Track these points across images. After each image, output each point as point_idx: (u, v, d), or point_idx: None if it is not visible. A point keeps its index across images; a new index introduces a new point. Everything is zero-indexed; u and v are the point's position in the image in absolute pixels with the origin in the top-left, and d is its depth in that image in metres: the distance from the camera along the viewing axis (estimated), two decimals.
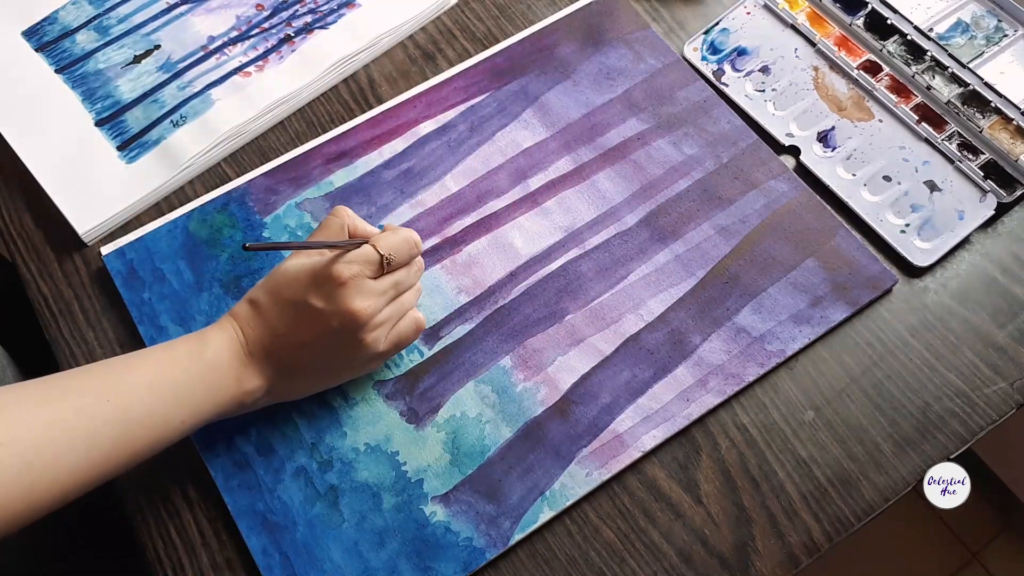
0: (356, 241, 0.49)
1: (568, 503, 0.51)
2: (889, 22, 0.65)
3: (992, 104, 0.61)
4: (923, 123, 0.61)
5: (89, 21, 0.68)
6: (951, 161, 0.60)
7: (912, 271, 0.58)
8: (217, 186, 0.62)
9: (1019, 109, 0.61)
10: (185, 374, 0.46)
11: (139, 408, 0.45)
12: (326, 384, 0.52)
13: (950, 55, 0.63)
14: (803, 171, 0.61)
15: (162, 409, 0.45)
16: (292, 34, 0.67)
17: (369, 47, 0.66)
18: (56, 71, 0.66)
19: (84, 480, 0.43)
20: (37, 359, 0.65)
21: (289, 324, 0.48)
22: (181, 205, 0.61)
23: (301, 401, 0.54)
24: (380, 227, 0.53)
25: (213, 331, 0.49)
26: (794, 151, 0.62)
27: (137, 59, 0.66)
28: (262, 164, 0.62)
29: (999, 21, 0.65)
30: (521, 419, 0.53)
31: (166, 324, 0.56)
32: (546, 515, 0.51)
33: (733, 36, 0.66)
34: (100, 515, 0.82)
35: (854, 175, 0.60)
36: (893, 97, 0.63)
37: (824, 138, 0.62)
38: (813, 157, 0.61)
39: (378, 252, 0.48)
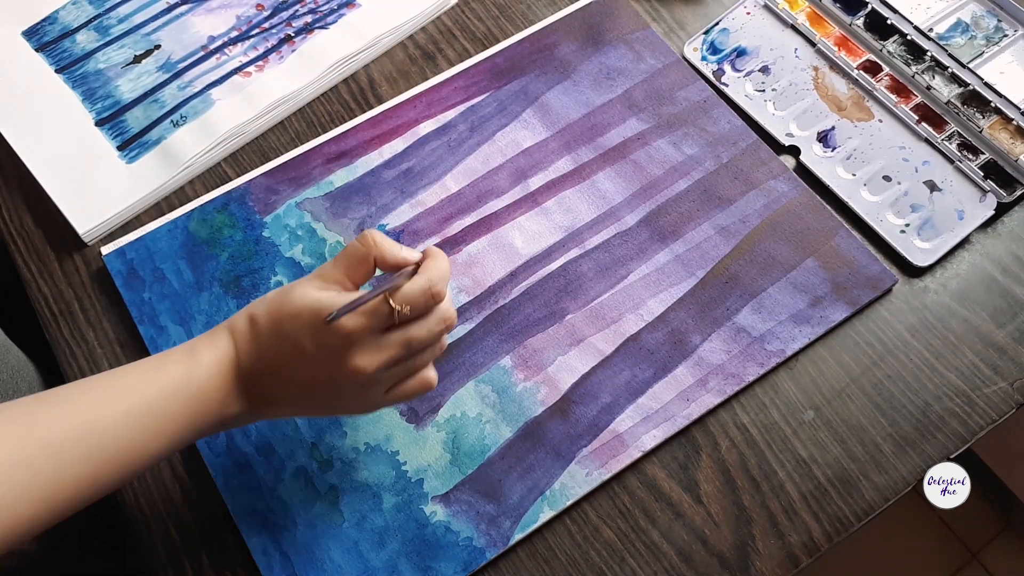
0: (371, 295, 0.43)
1: (568, 503, 0.51)
2: (889, 22, 0.65)
3: (992, 104, 0.61)
4: (923, 123, 0.61)
5: (89, 21, 0.68)
6: (951, 161, 0.60)
7: (912, 271, 0.58)
8: (217, 186, 0.62)
9: (1019, 109, 0.61)
10: (165, 399, 0.43)
11: (112, 445, 0.41)
12: (312, 416, 0.51)
13: (950, 55, 0.63)
14: (803, 171, 0.61)
15: (139, 442, 0.42)
16: (292, 34, 0.67)
17: (369, 47, 0.66)
18: (56, 71, 0.66)
19: (48, 515, 0.40)
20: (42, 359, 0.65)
21: (283, 359, 0.44)
22: (181, 205, 0.61)
23: None
24: (414, 248, 0.48)
25: (206, 347, 0.44)
26: (794, 151, 0.62)
27: (137, 59, 0.66)
28: (262, 164, 0.62)
29: (999, 21, 0.65)
30: (521, 419, 0.53)
31: (166, 324, 0.56)
32: (546, 515, 0.51)
33: (733, 36, 0.66)
34: (101, 516, 0.82)
35: (854, 175, 0.60)
36: (893, 97, 0.63)
37: (824, 138, 0.62)
38: (813, 157, 0.61)
39: (388, 304, 0.42)
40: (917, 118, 0.62)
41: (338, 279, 0.44)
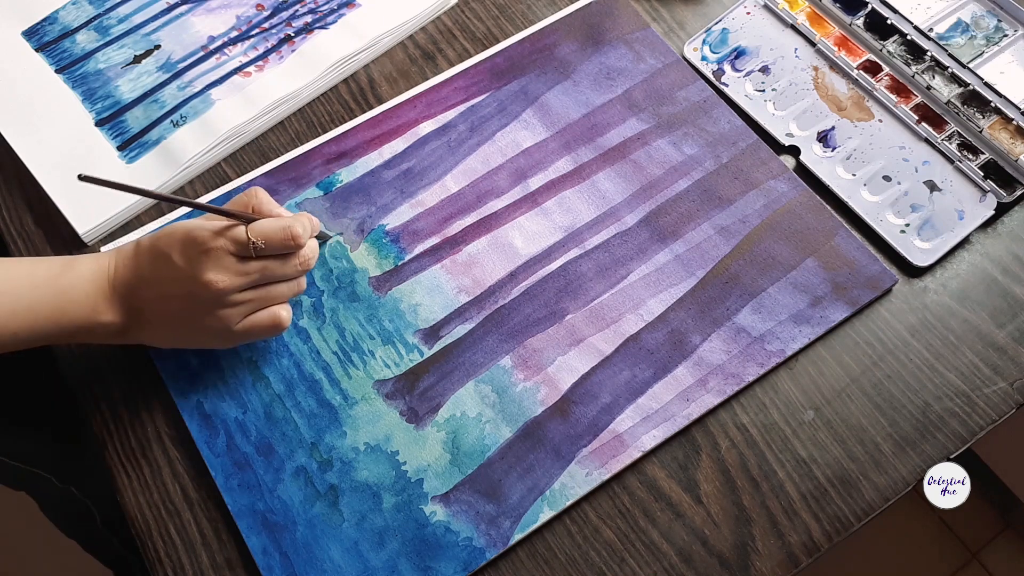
0: (240, 214, 0.49)
1: (568, 503, 0.51)
2: (889, 22, 0.65)
3: (992, 104, 0.61)
4: (923, 123, 0.61)
5: (89, 21, 0.68)
6: (951, 161, 0.60)
7: (912, 271, 0.58)
8: (217, 186, 0.62)
9: (1019, 109, 0.61)
10: (32, 291, 0.48)
11: None
12: (183, 343, 0.53)
13: (950, 55, 0.63)
14: (803, 171, 0.61)
15: None
16: (292, 34, 0.67)
17: (369, 47, 0.66)
18: (56, 71, 0.66)
19: None
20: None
21: (153, 273, 0.49)
22: (181, 205, 0.61)
23: (301, 400, 0.54)
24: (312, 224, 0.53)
25: (87, 258, 0.50)
26: (794, 151, 0.62)
27: (137, 59, 0.66)
28: (262, 164, 0.62)
29: (999, 21, 0.65)
30: (521, 419, 0.53)
31: None
32: (546, 515, 0.51)
33: (733, 36, 0.66)
34: (101, 516, 0.82)
35: (854, 175, 0.60)
36: (893, 97, 0.63)
37: (824, 138, 0.62)
38: (813, 157, 0.61)
39: (246, 234, 0.48)
40: (917, 118, 0.62)
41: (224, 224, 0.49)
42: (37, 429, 0.75)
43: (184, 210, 0.60)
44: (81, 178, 0.45)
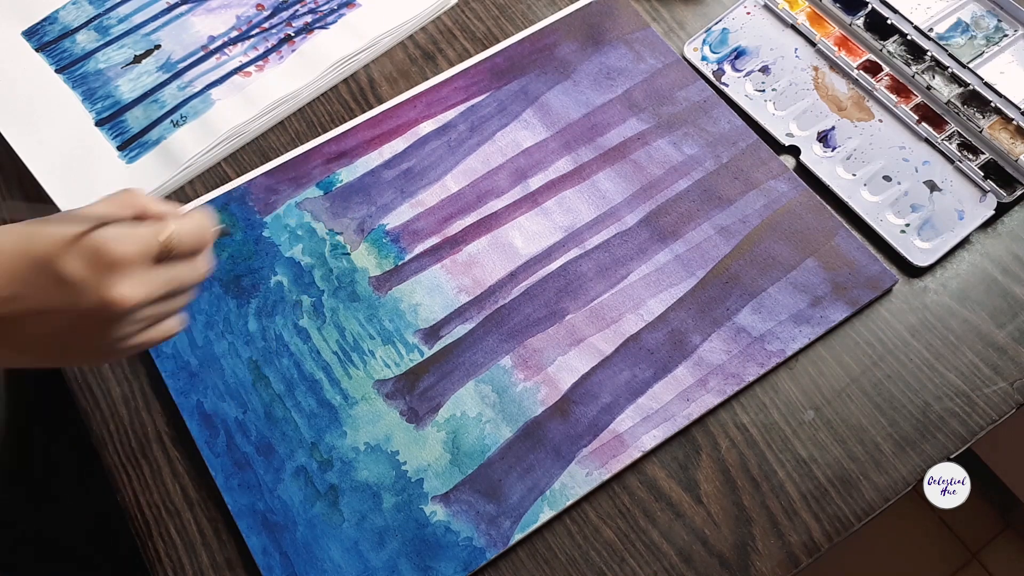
0: (121, 216, 0.40)
1: (568, 503, 0.51)
2: (889, 22, 0.65)
3: (992, 104, 0.61)
4: (923, 123, 0.61)
5: (89, 21, 0.68)
6: (951, 161, 0.60)
7: (912, 271, 0.58)
8: (217, 186, 0.62)
9: (1019, 109, 0.61)
10: None
11: None
12: (43, 363, 0.44)
13: (950, 55, 0.63)
14: (803, 171, 0.61)
15: None
16: (292, 34, 0.67)
17: (369, 47, 0.66)
18: (56, 71, 0.66)
19: None
20: None
21: (30, 283, 0.38)
22: (181, 205, 0.61)
23: (301, 400, 0.54)
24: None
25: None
26: (794, 151, 0.62)
27: (137, 59, 0.66)
28: (262, 164, 0.62)
29: (999, 21, 0.65)
30: (521, 419, 0.53)
31: None
32: (546, 515, 0.51)
33: (733, 36, 0.66)
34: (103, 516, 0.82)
35: (854, 175, 0.60)
36: (893, 97, 0.63)
37: (824, 138, 0.62)
38: (813, 157, 0.61)
39: (164, 238, 0.40)
40: (917, 118, 0.62)
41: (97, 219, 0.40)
42: None
43: (184, 209, 0.60)
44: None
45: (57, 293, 0.38)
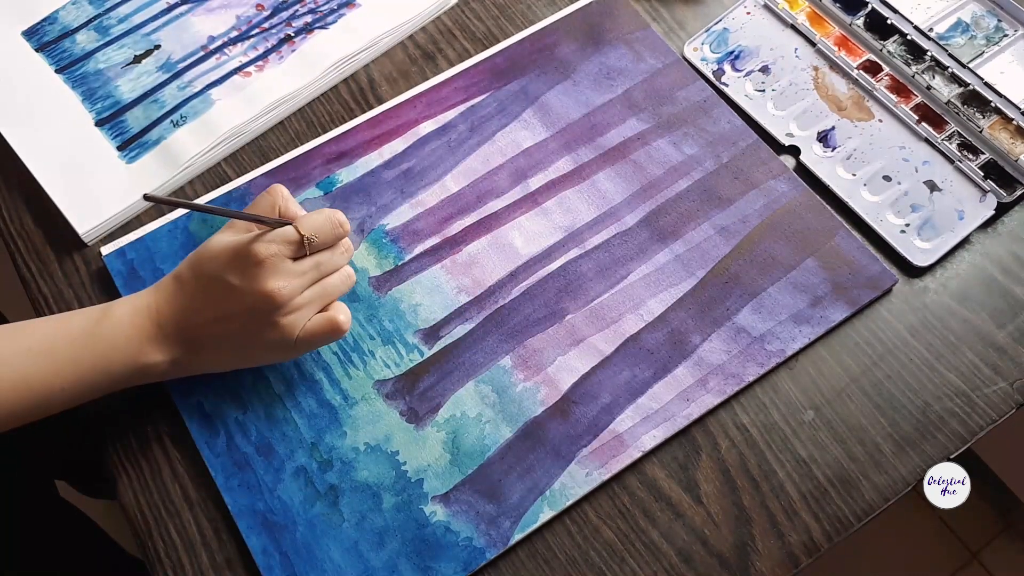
0: (279, 220, 0.49)
1: (568, 503, 0.51)
2: (889, 22, 0.65)
3: (992, 104, 0.61)
4: (923, 123, 0.61)
5: (89, 21, 0.68)
6: (951, 161, 0.60)
7: (912, 271, 0.58)
8: (217, 186, 0.62)
9: (1019, 109, 0.61)
10: (70, 345, 0.47)
11: (9, 375, 0.46)
12: (242, 363, 0.52)
13: (950, 55, 0.63)
14: (803, 171, 0.61)
15: (40, 378, 0.47)
16: (292, 34, 0.67)
17: (369, 47, 0.66)
18: (56, 71, 0.66)
19: None
20: None
21: (206, 299, 0.48)
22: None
23: (301, 400, 0.54)
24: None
25: (124, 302, 0.50)
26: (794, 151, 0.62)
27: (137, 59, 0.66)
28: (262, 164, 0.62)
29: (999, 21, 0.65)
30: (521, 419, 0.53)
31: None
32: (546, 515, 0.51)
33: (733, 36, 0.66)
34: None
35: (854, 175, 0.60)
36: (893, 97, 0.63)
37: (824, 138, 0.62)
38: (813, 157, 0.61)
39: (298, 232, 0.48)
40: (917, 118, 0.62)
41: (248, 227, 0.50)
42: None
43: (183, 211, 0.60)
44: (146, 198, 0.46)
45: (228, 299, 0.48)
